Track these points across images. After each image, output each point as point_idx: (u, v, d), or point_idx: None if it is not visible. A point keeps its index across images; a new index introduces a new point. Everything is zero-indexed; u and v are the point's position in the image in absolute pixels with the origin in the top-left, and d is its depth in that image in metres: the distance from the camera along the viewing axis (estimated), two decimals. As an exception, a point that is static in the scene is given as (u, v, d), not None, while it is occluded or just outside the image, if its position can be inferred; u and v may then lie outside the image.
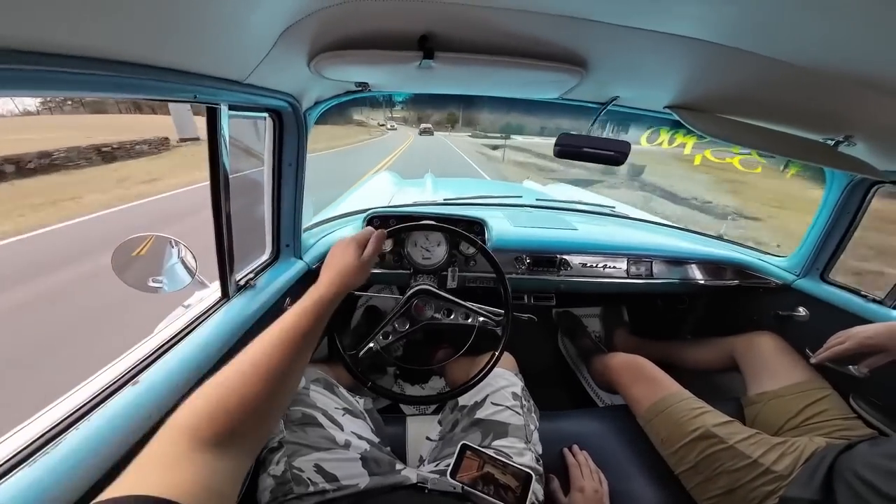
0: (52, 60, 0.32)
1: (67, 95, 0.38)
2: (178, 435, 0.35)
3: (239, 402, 0.39)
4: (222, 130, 0.57)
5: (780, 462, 0.76)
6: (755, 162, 1.22)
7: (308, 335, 0.49)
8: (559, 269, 1.24)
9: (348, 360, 0.80)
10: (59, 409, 0.48)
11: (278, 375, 0.43)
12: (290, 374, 0.46)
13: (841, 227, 1.06)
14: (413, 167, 13.15)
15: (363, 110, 38.67)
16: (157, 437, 0.35)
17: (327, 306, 0.55)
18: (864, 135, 0.77)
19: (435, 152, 20.78)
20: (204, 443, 0.35)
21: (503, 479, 0.68)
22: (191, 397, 0.39)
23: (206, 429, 0.36)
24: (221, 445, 0.36)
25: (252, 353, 0.44)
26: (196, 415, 0.37)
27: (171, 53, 0.41)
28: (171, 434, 0.35)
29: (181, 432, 0.35)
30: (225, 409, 0.38)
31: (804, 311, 1.13)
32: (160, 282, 0.76)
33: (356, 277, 0.62)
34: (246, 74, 0.54)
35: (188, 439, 0.35)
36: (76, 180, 9.15)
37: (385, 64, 0.63)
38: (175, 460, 0.33)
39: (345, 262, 0.62)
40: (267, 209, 0.84)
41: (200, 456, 0.34)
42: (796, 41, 0.51)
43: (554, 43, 0.62)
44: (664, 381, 0.99)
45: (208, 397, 0.39)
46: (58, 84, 0.34)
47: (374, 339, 0.84)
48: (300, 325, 0.49)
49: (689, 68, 0.68)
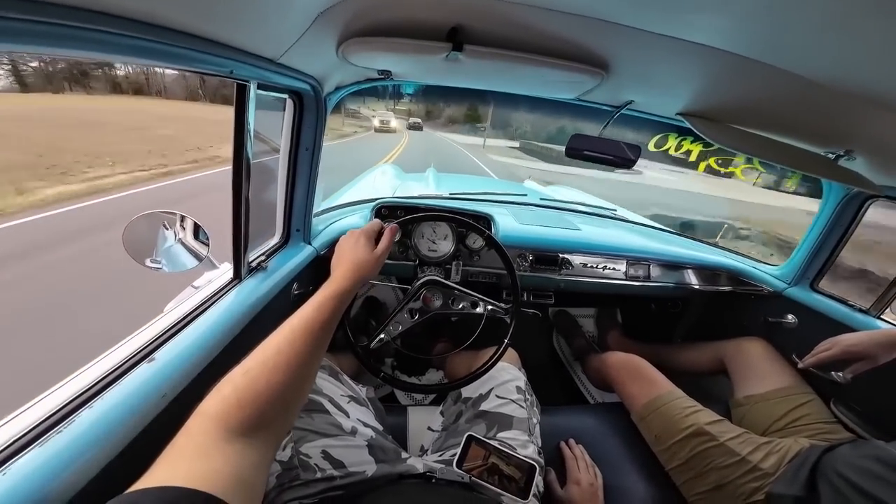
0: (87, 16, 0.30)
1: (99, 58, 0.36)
2: (209, 423, 0.36)
3: (266, 390, 0.40)
4: (249, 110, 0.57)
5: (767, 460, 0.79)
6: (756, 172, 1.26)
7: (326, 327, 0.50)
8: (560, 268, 1.26)
9: (360, 351, 0.81)
10: (73, 386, 0.47)
11: (301, 364, 0.45)
12: (310, 363, 0.47)
13: (833, 239, 1.10)
14: (415, 158, 13.20)
15: (366, 100, 37.49)
16: (187, 426, 0.36)
17: (343, 299, 0.56)
18: (865, 150, 0.80)
19: (433, 144, 22.82)
20: (233, 431, 0.36)
21: (508, 471, 0.70)
22: (218, 385, 0.40)
23: (235, 416, 0.37)
24: (250, 434, 0.37)
25: (276, 343, 0.45)
26: (226, 402, 0.38)
27: (214, 24, 0.41)
28: (201, 422, 0.36)
29: (212, 420, 0.36)
30: (253, 396, 0.39)
31: (793, 318, 1.18)
32: (166, 261, 0.75)
33: (370, 271, 0.63)
34: (280, 53, 0.54)
35: (218, 427, 0.36)
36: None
37: (413, 53, 0.63)
38: (205, 450, 0.34)
39: (357, 256, 0.62)
40: (280, 192, 0.84)
41: (230, 446, 0.35)
42: (814, 57, 0.53)
43: (579, 43, 0.64)
44: (659, 380, 1.02)
45: (236, 385, 0.40)
46: (91, 44, 0.32)
47: (385, 330, 0.84)
48: (319, 317, 0.50)
49: (706, 77, 0.70)
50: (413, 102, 50.09)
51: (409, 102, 46.79)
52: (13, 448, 0.39)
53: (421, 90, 23.75)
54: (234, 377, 0.41)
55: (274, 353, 0.44)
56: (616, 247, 1.31)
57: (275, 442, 0.42)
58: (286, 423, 0.45)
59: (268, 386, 0.40)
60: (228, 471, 0.32)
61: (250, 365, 0.42)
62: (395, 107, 46.86)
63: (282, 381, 0.42)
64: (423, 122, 41.12)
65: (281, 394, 0.41)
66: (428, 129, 37.50)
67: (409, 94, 35.24)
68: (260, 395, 0.39)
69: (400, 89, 6.88)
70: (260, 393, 0.39)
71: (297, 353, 0.45)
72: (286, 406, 0.43)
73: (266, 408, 0.39)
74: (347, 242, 0.65)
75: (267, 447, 0.39)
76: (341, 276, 0.58)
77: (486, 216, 1.20)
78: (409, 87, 1.12)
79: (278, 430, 0.42)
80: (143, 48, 0.37)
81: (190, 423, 0.36)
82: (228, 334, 0.63)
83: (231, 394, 0.39)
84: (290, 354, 0.44)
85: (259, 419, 0.38)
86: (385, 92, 34.96)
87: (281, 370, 0.42)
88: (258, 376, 0.41)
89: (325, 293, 0.54)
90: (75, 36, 0.31)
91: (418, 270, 1.16)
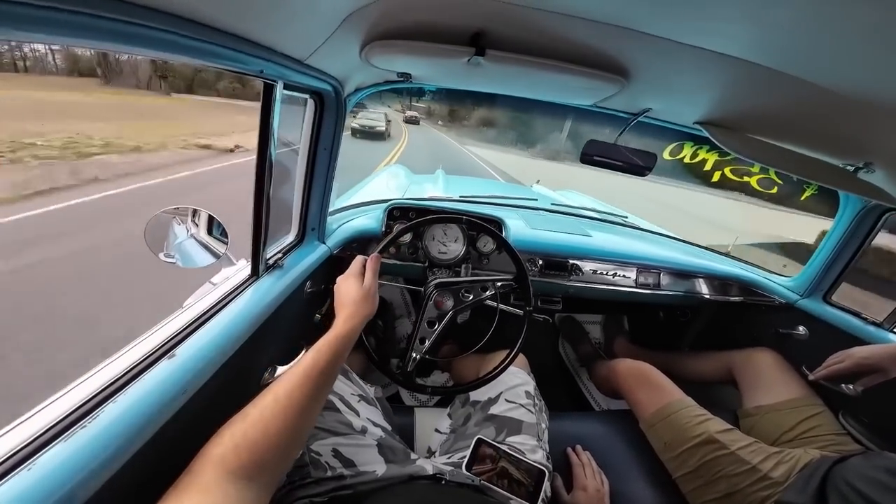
0: (120, 7, 0.30)
1: (129, 52, 0.35)
2: (209, 465, 0.39)
3: (263, 438, 0.42)
4: (275, 110, 0.57)
5: (777, 469, 0.79)
6: (772, 183, 1.25)
7: (326, 372, 0.52)
8: (570, 274, 1.26)
9: (402, 378, 0.84)
10: (96, 381, 0.47)
11: (298, 413, 0.47)
12: (309, 410, 0.49)
13: (849, 252, 1.09)
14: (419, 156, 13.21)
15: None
16: (191, 466, 0.39)
17: (343, 343, 0.58)
18: (884, 162, 0.80)
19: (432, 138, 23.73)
20: (232, 473, 0.39)
21: (517, 475, 0.70)
22: (220, 430, 0.43)
23: (233, 461, 0.39)
24: (247, 476, 0.40)
25: (274, 390, 0.48)
26: (223, 446, 0.41)
27: (246, 22, 0.41)
28: (202, 464, 0.39)
29: (212, 463, 0.39)
30: (250, 444, 0.42)
31: (804, 330, 1.17)
32: (183, 257, 0.76)
33: (366, 307, 0.65)
34: (308, 54, 0.54)
35: (217, 469, 0.38)
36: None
37: (435, 57, 0.64)
38: (206, 487, 0.37)
39: (351, 297, 0.65)
40: (297, 191, 0.84)
41: (230, 485, 0.38)
42: (838, 68, 0.53)
43: (600, 50, 0.64)
44: (669, 387, 1.02)
45: (234, 432, 0.43)
46: (120, 37, 0.32)
47: (414, 349, 0.86)
48: (318, 365, 0.52)
49: (725, 86, 0.70)
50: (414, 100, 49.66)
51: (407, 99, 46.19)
52: (39, 442, 0.39)
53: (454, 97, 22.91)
54: (233, 423, 0.44)
55: (272, 401, 0.46)
56: (627, 254, 1.31)
57: (273, 484, 0.44)
58: (283, 467, 0.47)
59: (265, 435, 0.43)
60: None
61: (249, 411, 0.45)
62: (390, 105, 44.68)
63: (279, 430, 0.44)
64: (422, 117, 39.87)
65: (277, 441, 0.43)
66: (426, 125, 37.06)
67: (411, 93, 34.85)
68: (256, 442, 0.42)
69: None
70: (256, 440, 0.42)
71: (295, 401, 0.47)
72: (283, 452, 0.45)
73: (263, 455, 0.42)
74: (342, 287, 0.68)
75: (264, 489, 0.42)
76: (342, 320, 0.62)
77: (497, 220, 1.20)
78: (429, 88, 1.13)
79: (276, 473, 0.45)
80: (177, 44, 0.37)
81: (194, 464, 0.39)
82: (247, 331, 0.63)
83: (229, 440, 0.41)
84: (287, 403, 0.46)
85: (256, 465, 0.41)
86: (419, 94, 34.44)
87: (278, 419, 0.44)
88: (255, 423, 0.43)
89: (324, 340, 0.57)
90: (109, 29, 0.30)
91: (428, 273, 1.16)
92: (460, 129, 40.16)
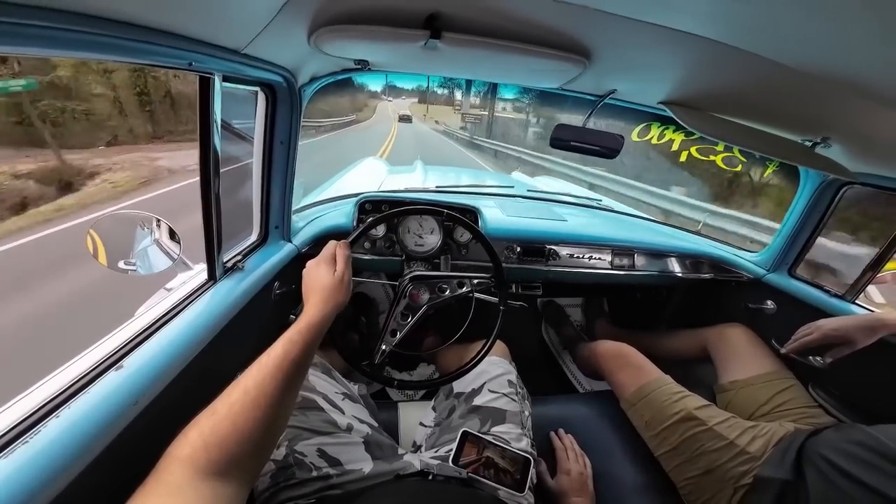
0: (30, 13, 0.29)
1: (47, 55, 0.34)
2: (177, 465, 0.36)
3: (233, 432, 0.40)
4: (215, 103, 0.54)
5: (753, 444, 0.81)
6: (736, 161, 1.28)
7: (297, 363, 0.49)
8: (548, 259, 1.26)
9: (369, 370, 0.81)
10: (38, 395, 0.45)
11: (271, 405, 0.44)
12: (282, 402, 0.46)
13: (810, 226, 1.12)
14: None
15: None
16: (157, 468, 0.36)
17: (315, 332, 0.55)
18: (840, 137, 0.82)
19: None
20: (203, 472, 0.36)
21: (503, 464, 0.70)
22: (185, 428, 0.40)
23: (202, 458, 0.37)
24: (220, 474, 0.37)
25: (244, 383, 0.44)
26: (191, 445, 0.38)
27: (167, 15, 0.38)
28: (170, 464, 0.36)
29: (181, 462, 0.36)
30: (219, 439, 0.39)
31: (772, 304, 1.21)
32: (138, 263, 0.72)
33: (339, 296, 0.61)
34: (244, 44, 0.51)
35: (188, 468, 0.35)
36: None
37: (389, 42, 0.61)
38: (178, 489, 0.34)
39: (322, 284, 0.61)
40: (256, 189, 0.80)
41: (204, 484, 0.35)
42: (795, 45, 0.53)
43: (561, 31, 0.62)
44: (648, 367, 1.04)
45: (202, 428, 0.39)
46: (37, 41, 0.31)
47: (385, 341, 0.83)
48: (289, 354, 0.49)
49: (688, 65, 0.70)
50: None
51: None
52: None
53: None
54: (200, 420, 0.41)
55: (241, 394, 0.43)
56: (601, 237, 1.32)
57: (249, 480, 0.41)
58: (259, 462, 0.44)
59: (234, 428, 0.40)
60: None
61: (217, 406, 0.42)
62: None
63: (250, 423, 0.41)
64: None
65: (249, 435, 0.41)
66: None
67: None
68: (227, 437, 0.39)
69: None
70: (226, 435, 0.39)
71: (266, 393, 0.44)
72: (257, 447, 0.42)
73: (235, 449, 0.39)
74: (310, 272, 0.64)
75: (240, 486, 0.39)
76: (312, 307, 0.58)
77: (472, 209, 1.18)
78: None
79: (251, 469, 0.42)
80: (93, 43, 0.35)
81: (160, 465, 0.36)
82: (205, 337, 0.61)
83: (197, 437, 0.38)
84: (257, 395, 0.43)
85: (228, 461, 0.38)
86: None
87: (248, 411, 0.42)
88: (224, 418, 0.40)
89: (295, 328, 0.53)
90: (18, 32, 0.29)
91: (405, 266, 1.14)
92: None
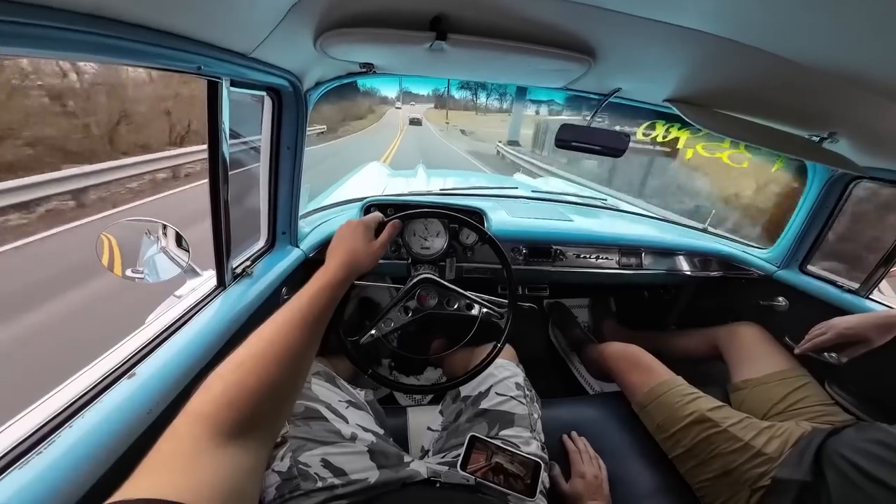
0: (38, 13, 0.28)
1: (54, 57, 0.34)
2: (198, 425, 0.33)
3: (259, 385, 0.37)
4: (223, 108, 0.54)
5: (770, 445, 0.78)
6: (743, 157, 1.28)
7: (319, 317, 0.48)
8: (554, 260, 1.25)
9: (349, 346, 0.78)
10: (51, 405, 0.44)
11: (294, 356, 0.42)
12: (304, 356, 0.44)
13: (820, 220, 1.11)
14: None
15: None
16: (174, 427, 0.33)
17: (337, 290, 0.53)
18: (848, 132, 0.81)
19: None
20: (224, 433, 0.33)
21: (512, 469, 0.69)
22: (206, 381, 0.37)
23: (226, 416, 0.34)
24: (243, 434, 0.34)
25: (267, 335, 0.42)
26: (215, 400, 0.35)
27: (177, 17, 0.38)
28: (188, 424, 0.33)
29: (201, 421, 0.33)
30: (246, 393, 0.36)
31: (784, 300, 1.19)
32: (148, 270, 0.72)
33: (366, 263, 0.60)
34: (252, 47, 0.51)
35: (208, 429, 0.32)
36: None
37: (395, 44, 0.61)
38: (195, 457, 0.31)
39: (355, 246, 0.59)
40: (263, 194, 0.81)
41: (222, 450, 0.32)
42: (801, 39, 0.52)
43: (565, 30, 0.62)
44: (658, 368, 1.02)
45: (227, 381, 0.37)
46: (45, 42, 0.30)
47: (377, 327, 0.82)
48: (312, 308, 0.47)
49: (693, 62, 0.70)
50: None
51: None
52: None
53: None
54: (223, 372, 0.38)
55: (266, 344, 0.41)
56: (608, 236, 1.31)
57: (269, 443, 0.39)
58: (279, 421, 0.42)
59: (260, 381, 0.38)
60: (220, 480, 0.30)
61: (241, 358, 0.39)
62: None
63: (275, 376, 0.39)
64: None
65: (274, 389, 0.39)
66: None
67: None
68: (253, 391, 0.37)
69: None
70: (253, 389, 0.37)
71: (291, 345, 0.42)
72: (280, 402, 0.40)
73: (259, 405, 0.37)
74: (345, 231, 0.63)
75: (261, 449, 0.36)
76: (336, 265, 0.56)
77: (478, 211, 1.18)
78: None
79: (272, 429, 0.40)
80: (102, 45, 0.34)
81: (177, 423, 0.33)
82: (216, 344, 0.60)
83: (221, 392, 0.35)
84: (282, 346, 0.41)
85: (252, 418, 0.36)
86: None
87: (274, 363, 0.40)
88: (250, 371, 0.38)
89: (319, 283, 0.52)
90: (24, 34, 0.28)
91: (411, 269, 1.14)
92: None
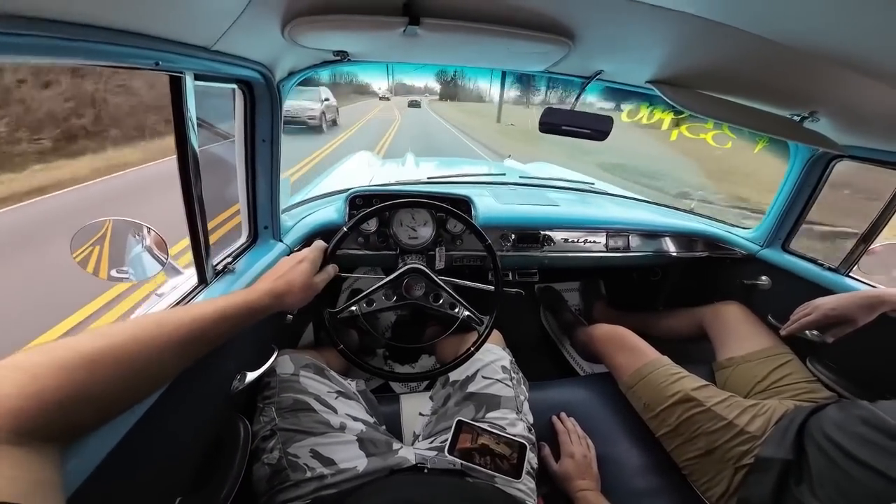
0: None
1: (7, 61, 0.33)
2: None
3: (90, 384, 0.31)
4: (187, 102, 0.52)
5: (753, 423, 0.80)
6: (726, 138, 1.28)
7: (211, 340, 0.43)
8: (543, 245, 1.26)
9: (327, 316, 0.78)
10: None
11: (149, 374, 0.36)
12: (163, 372, 0.38)
13: (801, 200, 1.12)
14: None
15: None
16: None
17: (253, 314, 0.50)
18: (828, 111, 0.81)
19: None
20: (27, 435, 0.27)
21: (499, 450, 0.71)
22: (20, 358, 0.29)
23: (33, 417, 0.27)
24: (47, 439, 0.28)
25: (132, 331, 0.35)
26: (25, 397, 0.28)
27: (129, 14, 0.37)
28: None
29: (2, 416, 0.26)
30: (73, 391, 0.30)
31: (767, 279, 1.21)
32: (127, 270, 0.71)
33: (298, 297, 0.59)
34: (213, 40, 0.49)
35: (6, 426, 0.26)
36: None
37: (367, 30, 0.59)
38: None
39: (291, 278, 0.59)
40: (241, 189, 0.79)
41: (15, 450, 0.26)
42: (779, 18, 0.52)
43: (543, 12, 0.61)
44: (645, 349, 1.04)
45: (45, 366, 0.29)
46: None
47: (358, 304, 0.82)
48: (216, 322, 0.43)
49: (673, 42, 0.69)
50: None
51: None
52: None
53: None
54: (52, 350, 0.30)
55: (126, 338, 0.34)
56: (595, 220, 1.32)
57: (71, 442, 0.32)
58: (102, 421, 0.34)
59: (93, 380, 0.31)
60: (24, 476, 0.25)
61: (81, 343, 0.32)
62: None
63: (119, 380, 0.32)
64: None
65: (108, 393, 0.32)
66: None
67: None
68: (80, 391, 0.30)
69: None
70: (80, 387, 0.30)
71: (150, 357, 0.35)
72: (109, 410, 0.34)
73: (83, 411, 0.30)
74: (288, 261, 0.62)
75: (61, 450, 0.30)
76: (264, 290, 0.54)
77: (465, 199, 1.17)
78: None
79: (85, 432, 0.33)
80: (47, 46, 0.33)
81: None
82: None
83: (32, 383, 0.28)
84: (146, 347, 0.34)
85: (66, 424, 0.30)
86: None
87: (124, 364, 0.33)
88: (85, 365, 0.31)
89: (236, 299, 0.48)
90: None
91: (400, 259, 1.13)
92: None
